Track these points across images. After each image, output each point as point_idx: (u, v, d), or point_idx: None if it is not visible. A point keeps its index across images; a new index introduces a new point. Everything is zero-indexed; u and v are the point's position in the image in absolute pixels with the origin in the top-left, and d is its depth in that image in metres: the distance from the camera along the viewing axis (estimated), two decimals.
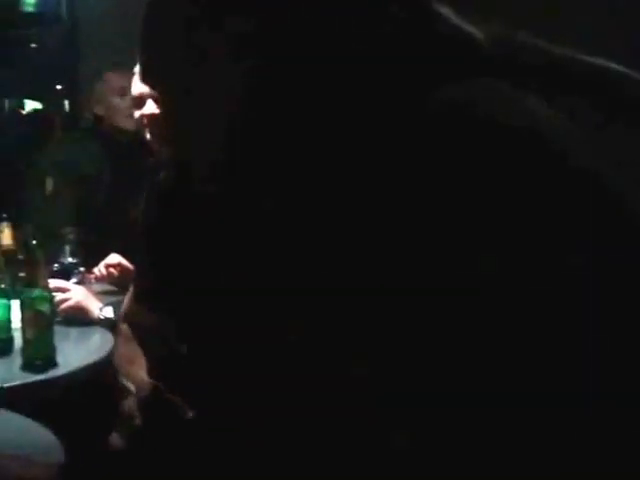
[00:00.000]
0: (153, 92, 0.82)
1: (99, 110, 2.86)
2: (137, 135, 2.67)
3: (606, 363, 0.55)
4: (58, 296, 1.95)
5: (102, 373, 1.77)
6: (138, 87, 2.10)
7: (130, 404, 1.03)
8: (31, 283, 1.74)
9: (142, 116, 2.09)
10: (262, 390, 0.66)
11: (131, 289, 1.20)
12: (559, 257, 0.55)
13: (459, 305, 0.55)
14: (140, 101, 2.09)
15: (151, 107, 2.06)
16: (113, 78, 2.82)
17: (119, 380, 1.39)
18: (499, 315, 0.55)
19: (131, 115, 2.63)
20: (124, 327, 1.04)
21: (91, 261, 2.37)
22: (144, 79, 0.78)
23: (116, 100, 2.78)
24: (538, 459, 0.55)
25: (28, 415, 1.52)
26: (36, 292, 1.73)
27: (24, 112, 3.72)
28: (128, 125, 2.73)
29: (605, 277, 0.54)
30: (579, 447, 0.55)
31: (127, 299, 1.14)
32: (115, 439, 1.10)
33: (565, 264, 0.54)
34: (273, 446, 0.66)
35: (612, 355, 0.55)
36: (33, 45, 3.96)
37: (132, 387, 1.12)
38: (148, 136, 2.09)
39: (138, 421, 0.99)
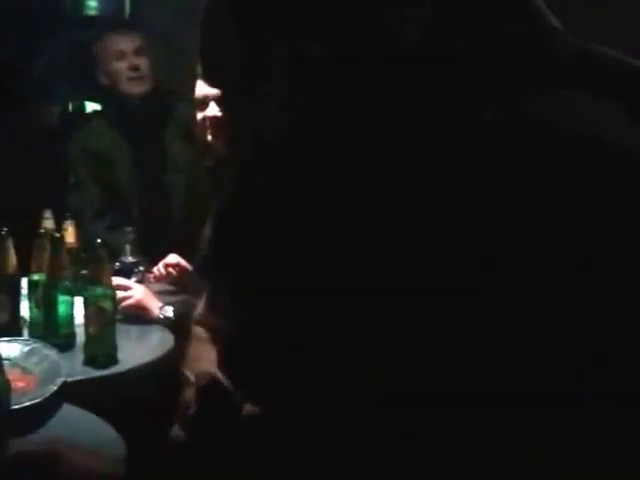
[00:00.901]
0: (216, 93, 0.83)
1: (103, 79, 2.76)
2: (147, 98, 2.66)
3: (606, 363, 0.54)
4: (119, 294, 1.98)
5: (161, 371, 1.80)
6: (202, 89, 2.12)
7: (189, 393, 1.03)
8: (94, 280, 1.77)
9: (204, 118, 2.11)
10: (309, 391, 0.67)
11: (205, 293, 1.20)
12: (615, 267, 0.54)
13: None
14: (203, 103, 2.11)
15: (214, 109, 2.09)
16: (110, 42, 2.73)
17: (182, 373, 1.41)
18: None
19: (133, 78, 2.64)
20: (198, 329, 1.05)
21: (150, 260, 2.41)
22: (206, 81, 0.80)
23: (116, 65, 2.68)
24: (538, 459, 0.55)
25: (88, 410, 1.55)
26: (99, 289, 1.76)
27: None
28: (132, 89, 2.66)
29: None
30: (579, 447, 0.54)
31: (201, 303, 1.15)
32: (175, 430, 1.10)
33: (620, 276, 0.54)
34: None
35: (612, 355, 0.55)
36: (94, 48, 4.04)
37: (192, 377, 1.13)
38: (210, 138, 2.12)
39: (194, 409, 1.00)
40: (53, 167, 2.98)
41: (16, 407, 1.25)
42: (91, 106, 3.84)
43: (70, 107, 3.77)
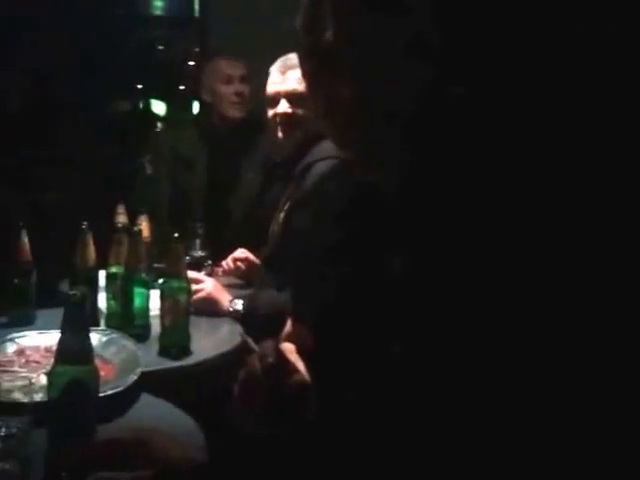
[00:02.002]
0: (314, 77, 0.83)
1: (206, 97, 2.92)
2: (240, 123, 2.84)
3: (606, 363, 0.55)
4: (192, 287, 2.02)
5: (230, 363, 1.83)
6: (273, 86, 2.15)
7: (252, 359, 1.05)
8: (171, 274, 1.80)
9: (275, 115, 2.13)
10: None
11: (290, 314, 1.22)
12: None
13: None
14: (274, 100, 2.14)
15: (284, 106, 2.11)
16: (220, 65, 2.88)
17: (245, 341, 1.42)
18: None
19: (235, 103, 2.82)
20: (286, 344, 1.08)
21: (219, 254, 2.46)
22: (311, 56, 0.80)
23: (222, 87, 2.84)
24: (537, 460, 0.54)
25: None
26: (176, 282, 1.79)
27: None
28: (232, 113, 2.84)
29: None
30: (579, 448, 0.55)
31: (288, 324, 1.17)
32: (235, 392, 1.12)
33: None
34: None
35: (612, 355, 0.55)
36: (160, 47, 4.12)
37: (254, 346, 1.15)
38: (280, 134, 2.14)
39: (255, 367, 1.01)
40: (123, 164, 3.07)
41: (100, 395, 1.29)
42: (157, 105, 3.92)
43: (140, 105, 3.85)
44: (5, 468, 1.07)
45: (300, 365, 0.96)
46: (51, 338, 1.63)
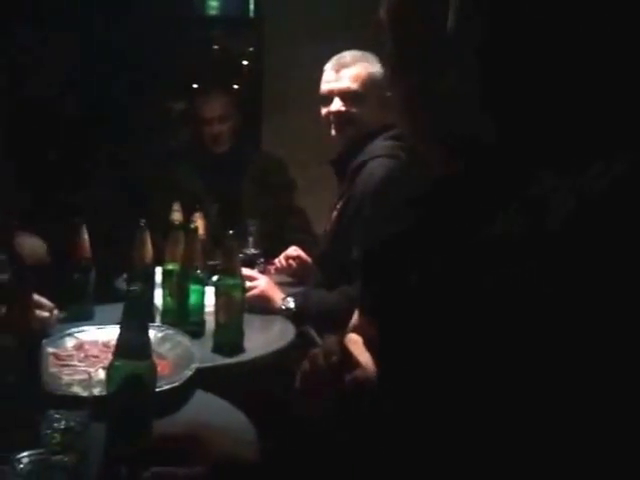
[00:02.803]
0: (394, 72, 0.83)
1: (191, 128, 3.10)
2: (224, 156, 2.99)
3: (606, 364, 0.55)
4: (246, 284, 2.03)
5: (283, 361, 1.84)
6: (326, 85, 2.16)
7: (316, 354, 1.06)
8: (226, 271, 1.82)
9: (329, 113, 2.14)
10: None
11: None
12: None
13: None
14: (328, 98, 2.14)
15: (337, 104, 2.12)
16: (198, 108, 3.03)
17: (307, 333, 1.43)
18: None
19: (213, 142, 2.98)
20: (353, 335, 1.08)
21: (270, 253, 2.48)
22: (399, 46, 0.80)
23: (202, 127, 3.01)
24: (537, 460, 0.55)
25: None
26: (231, 280, 1.81)
27: None
28: (212, 149, 2.99)
29: None
30: (578, 448, 0.55)
31: (355, 314, 1.18)
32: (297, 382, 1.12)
33: None
34: None
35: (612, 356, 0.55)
36: (215, 47, 4.16)
37: (318, 340, 1.15)
38: (333, 132, 2.15)
39: (319, 361, 1.01)
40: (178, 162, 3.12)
41: (156, 390, 1.31)
42: None
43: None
44: (63, 461, 1.09)
45: (366, 357, 0.96)
46: (109, 333, 1.66)
